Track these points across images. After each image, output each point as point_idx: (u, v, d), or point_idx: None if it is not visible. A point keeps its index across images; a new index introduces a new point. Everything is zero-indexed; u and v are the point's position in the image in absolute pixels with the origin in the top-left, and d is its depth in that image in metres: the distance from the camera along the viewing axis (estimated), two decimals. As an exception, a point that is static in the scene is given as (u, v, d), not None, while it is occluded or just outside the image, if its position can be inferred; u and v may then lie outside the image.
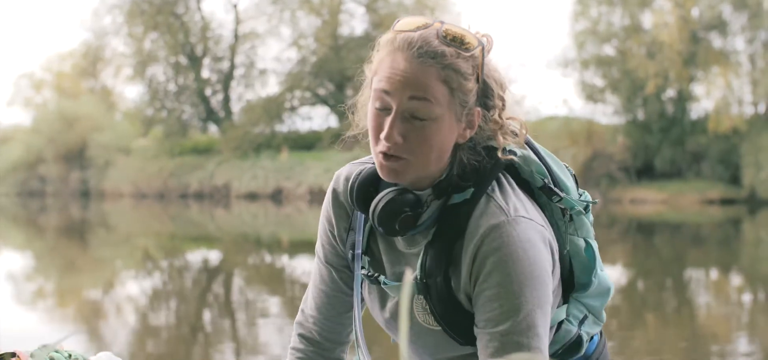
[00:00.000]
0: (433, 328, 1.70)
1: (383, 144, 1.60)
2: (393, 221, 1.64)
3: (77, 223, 25.35)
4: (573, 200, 1.72)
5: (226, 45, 43.27)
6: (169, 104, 43.18)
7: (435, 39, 1.58)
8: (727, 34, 33.38)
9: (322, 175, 36.40)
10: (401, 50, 1.58)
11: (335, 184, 1.82)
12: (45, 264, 14.53)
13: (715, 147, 31.24)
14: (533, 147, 1.75)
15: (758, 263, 14.18)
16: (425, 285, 1.66)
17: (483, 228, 1.60)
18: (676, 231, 20.79)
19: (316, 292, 1.90)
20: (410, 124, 1.58)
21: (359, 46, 40.32)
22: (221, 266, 14.27)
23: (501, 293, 1.58)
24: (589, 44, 34.83)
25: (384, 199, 1.65)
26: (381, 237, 1.76)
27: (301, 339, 1.93)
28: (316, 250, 1.89)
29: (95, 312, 9.12)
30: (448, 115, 1.58)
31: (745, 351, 7.02)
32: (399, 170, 1.61)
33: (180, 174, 39.73)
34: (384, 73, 1.59)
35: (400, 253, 1.73)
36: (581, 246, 1.75)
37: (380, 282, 1.74)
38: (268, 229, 22.75)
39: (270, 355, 6.80)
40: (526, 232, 1.60)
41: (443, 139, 1.60)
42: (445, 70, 1.56)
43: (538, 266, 1.60)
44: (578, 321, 1.80)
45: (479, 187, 1.64)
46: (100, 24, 43.76)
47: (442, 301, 1.65)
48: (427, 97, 1.56)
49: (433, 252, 1.65)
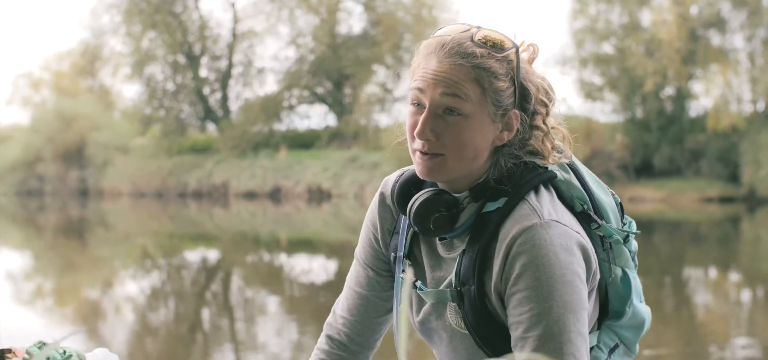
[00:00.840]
0: (464, 332, 1.70)
1: (418, 141, 1.63)
2: (427, 220, 1.66)
3: (76, 222, 25.34)
4: (612, 229, 1.71)
5: (224, 44, 43.29)
6: (167, 103, 43.16)
7: (468, 41, 1.62)
8: (725, 32, 33.40)
9: (321, 174, 36.41)
10: (435, 52, 1.63)
11: (383, 187, 1.85)
12: (43, 263, 14.51)
13: (714, 145, 31.25)
14: (577, 171, 1.75)
15: (757, 262, 14.18)
16: (459, 293, 1.67)
17: (514, 230, 1.60)
18: (675, 229, 20.79)
19: (351, 293, 1.90)
20: (443, 121, 1.61)
21: (357, 45, 40.32)
22: (220, 265, 14.26)
23: (531, 296, 1.57)
24: (588, 42, 34.83)
25: (421, 198, 1.67)
26: (423, 241, 1.77)
27: (329, 340, 1.93)
28: (356, 253, 1.91)
29: (93, 311, 9.10)
30: (480, 113, 1.61)
31: (743, 347, 7.02)
32: (434, 167, 1.63)
33: (178, 173, 39.72)
34: (418, 74, 1.65)
35: (440, 257, 1.74)
36: (618, 275, 1.75)
37: (416, 287, 1.75)
38: (266, 227, 22.74)
39: (269, 354, 6.79)
40: (558, 236, 1.60)
41: (477, 137, 1.62)
42: (475, 69, 1.60)
43: (569, 270, 1.58)
44: (609, 349, 1.79)
45: (513, 196, 1.64)
46: (98, 23, 43.77)
47: (474, 309, 1.66)
48: (458, 93, 1.60)
49: (466, 260, 1.66)
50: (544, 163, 1.68)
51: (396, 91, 40.86)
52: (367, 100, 39.74)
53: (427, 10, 40.26)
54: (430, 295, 1.72)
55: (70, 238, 19.90)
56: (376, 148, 35.66)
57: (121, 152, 40.37)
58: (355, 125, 38.60)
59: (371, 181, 34.86)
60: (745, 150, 30.18)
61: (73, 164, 41.12)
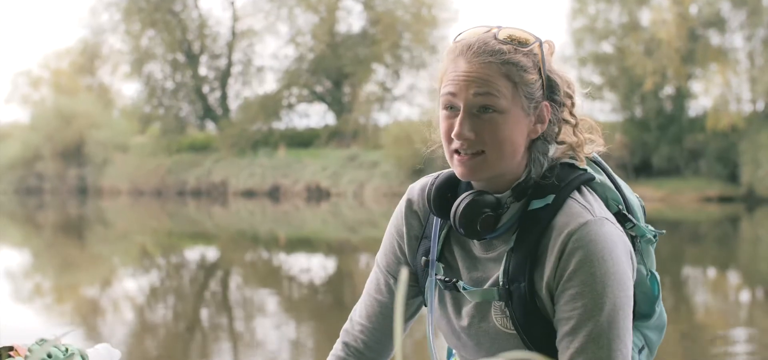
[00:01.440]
0: (510, 332, 1.70)
1: (456, 142, 1.64)
2: (474, 222, 1.66)
3: (75, 220, 25.33)
4: (644, 228, 1.75)
5: (223, 42, 43.29)
6: (166, 101, 43.16)
7: (492, 40, 1.65)
8: (725, 32, 33.40)
9: (320, 173, 36.41)
10: (462, 54, 1.65)
11: (409, 194, 1.86)
12: (43, 261, 14.51)
13: (714, 144, 31.24)
14: (609, 173, 1.79)
15: (756, 261, 14.18)
16: (508, 291, 1.67)
17: (570, 225, 1.62)
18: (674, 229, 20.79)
19: (370, 300, 1.89)
20: (479, 119, 1.63)
21: (356, 44, 40.31)
22: (218, 263, 14.25)
23: (585, 292, 1.59)
24: (587, 41, 34.84)
25: (465, 200, 1.67)
26: (456, 244, 1.78)
27: (345, 346, 1.92)
28: (377, 259, 1.90)
29: (92, 309, 9.10)
30: (514, 108, 1.64)
31: (743, 347, 7.02)
32: (475, 166, 1.64)
33: (177, 171, 39.72)
34: (448, 79, 1.66)
35: (477, 258, 1.74)
36: (645, 275, 1.77)
37: (458, 287, 1.74)
38: (265, 226, 22.74)
39: (267, 352, 6.79)
40: (610, 235, 1.63)
41: (514, 131, 1.64)
42: (504, 65, 1.62)
43: (621, 267, 1.61)
44: (638, 349, 1.81)
45: (561, 194, 1.67)
46: (97, 21, 43.75)
47: (523, 306, 1.66)
48: (491, 91, 1.62)
49: (516, 257, 1.67)
50: (578, 154, 1.72)
51: (395, 90, 40.90)
52: (366, 98, 39.74)
53: (427, 9, 40.25)
54: (476, 294, 1.72)
55: (69, 236, 19.89)
56: (375, 147, 35.67)
57: (120, 150, 40.36)
58: (354, 124, 38.60)
59: (370, 180, 34.87)
60: (745, 150, 30.17)
61: (72, 162, 41.11)
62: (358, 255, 15.30)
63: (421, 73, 40.38)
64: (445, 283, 1.76)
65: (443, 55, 1.71)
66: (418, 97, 40.30)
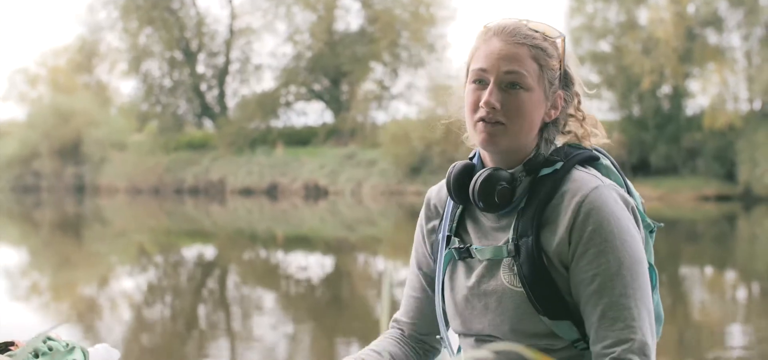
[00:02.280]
0: (517, 289, 1.79)
1: (482, 110, 1.78)
2: (492, 194, 1.80)
3: (72, 218, 25.32)
4: (645, 216, 1.87)
5: (221, 40, 43.27)
6: (164, 99, 43.13)
7: (524, 27, 1.81)
8: (722, 31, 33.42)
9: (317, 171, 36.40)
10: (496, 35, 1.80)
11: (428, 195, 2.03)
12: (40, 259, 14.50)
13: (711, 143, 31.27)
14: (614, 164, 1.90)
15: (753, 260, 14.20)
16: (516, 246, 1.79)
17: (582, 191, 1.76)
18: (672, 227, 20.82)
19: (408, 300, 2.05)
20: (506, 93, 1.77)
21: (355, 42, 40.30)
22: (216, 262, 14.25)
23: (606, 249, 1.73)
24: (585, 40, 34.83)
25: (482, 175, 1.82)
26: (470, 219, 1.91)
27: (395, 322, 2.07)
28: (412, 264, 2.05)
29: (89, 307, 9.10)
30: (538, 89, 1.79)
31: (739, 344, 7.03)
32: (496, 134, 1.78)
33: (175, 169, 39.70)
34: (480, 55, 1.81)
35: (488, 230, 1.87)
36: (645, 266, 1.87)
37: (471, 251, 1.87)
38: (263, 224, 22.74)
39: (264, 349, 6.80)
40: (618, 199, 1.78)
41: (534, 110, 1.79)
42: (534, 49, 1.79)
43: (632, 226, 1.76)
44: None
45: (567, 163, 1.81)
46: (95, 19, 43.73)
47: (530, 260, 1.77)
48: (521, 70, 1.77)
49: (525, 217, 1.80)
50: (583, 143, 1.87)
51: (393, 89, 40.89)
52: (364, 97, 39.73)
53: (425, 8, 40.24)
54: (487, 251, 1.84)
55: (67, 234, 19.88)
56: (373, 145, 35.66)
57: (117, 148, 40.33)
58: (352, 122, 38.60)
59: (368, 178, 34.86)
60: (742, 148, 30.20)
61: (69, 160, 41.08)
62: (356, 253, 15.30)
63: (419, 72, 40.42)
64: (458, 252, 1.88)
65: (476, 37, 1.85)
66: (416, 95, 40.34)
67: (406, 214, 23.67)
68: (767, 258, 14.46)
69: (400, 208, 26.74)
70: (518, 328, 1.79)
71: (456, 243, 1.89)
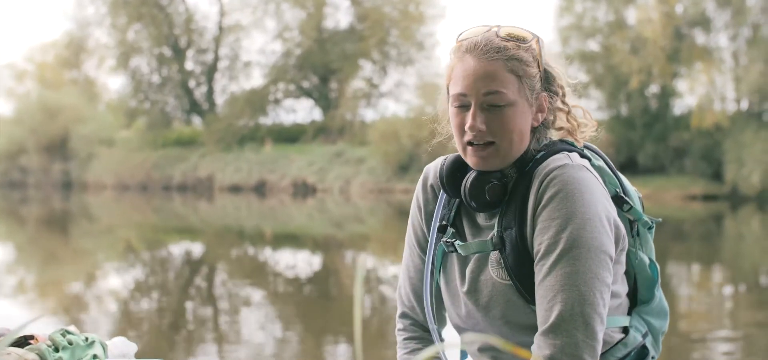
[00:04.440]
0: (505, 283, 1.79)
1: (468, 134, 1.77)
2: (482, 192, 1.80)
3: (59, 215, 25.21)
4: (640, 213, 1.86)
5: (210, 37, 43.15)
6: (152, 96, 42.99)
7: (495, 38, 1.78)
8: (710, 31, 33.53)
9: (306, 168, 36.35)
10: (469, 52, 1.78)
11: (424, 174, 2.00)
12: (26, 255, 14.43)
13: (698, 143, 31.38)
14: (606, 161, 1.89)
15: (739, 259, 14.26)
16: (501, 238, 1.79)
17: (549, 167, 1.76)
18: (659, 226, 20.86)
19: (409, 283, 2.01)
20: (489, 113, 1.76)
21: (344, 39, 40.25)
22: (204, 258, 14.22)
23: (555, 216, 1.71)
24: (574, 39, 34.89)
25: (472, 175, 1.82)
26: (465, 215, 1.90)
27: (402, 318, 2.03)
28: (408, 242, 2.01)
29: (76, 303, 9.07)
30: (520, 100, 1.77)
31: (725, 340, 7.07)
32: (487, 156, 1.78)
33: (163, 166, 39.58)
34: (458, 76, 1.78)
35: (481, 227, 1.87)
36: (645, 262, 1.89)
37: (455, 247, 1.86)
38: (251, 221, 22.70)
39: (252, 347, 6.79)
40: (587, 179, 1.75)
41: (520, 122, 1.78)
42: (509, 61, 1.76)
43: (593, 209, 1.71)
44: (641, 334, 1.90)
45: (550, 150, 1.81)
46: (83, 14, 43.60)
47: (515, 250, 1.77)
48: (500, 88, 1.75)
49: (509, 208, 1.80)
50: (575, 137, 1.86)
51: (382, 87, 40.87)
52: (353, 94, 39.70)
53: (414, 6, 40.23)
54: (472, 246, 1.83)
55: (53, 231, 19.80)
56: (361, 143, 35.63)
57: (105, 145, 40.18)
58: (340, 120, 38.56)
59: (356, 176, 34.84)
60: (729, 148, 30.32)
61: (56, 156, 40.90)
62: (344, 251, 15.29)
63: (408, 70, 40.41)
64: (447, 246, 1.88)
65: (450, 54, 1.83)
66: (405, 93, 40.33)
67: (395, 212, 23.67)
68: (753, 257, 14.53)
69: (388, 206, 26.74)
70: (511, 320, 1.80)
71: (449, 234, 1.88)
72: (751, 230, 20.27)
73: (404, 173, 32.52)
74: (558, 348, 1.66)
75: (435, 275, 1.93)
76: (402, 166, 32.76)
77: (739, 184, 29.80)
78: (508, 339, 1.80)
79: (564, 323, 1.66)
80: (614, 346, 1.85)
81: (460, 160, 1.86)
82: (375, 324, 7.57)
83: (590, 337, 1.66)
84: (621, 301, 1.86)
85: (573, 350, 1.65)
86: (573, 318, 1.66)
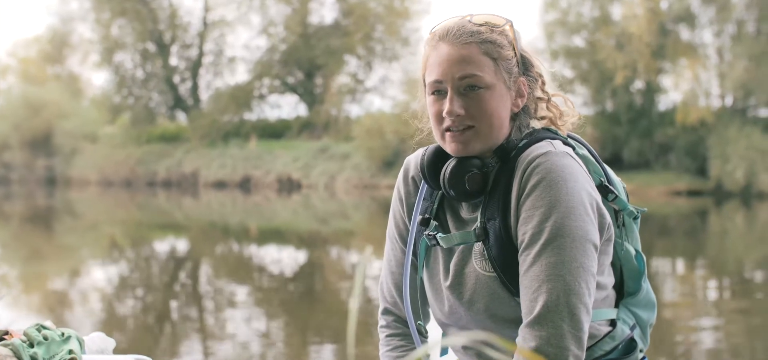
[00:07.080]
0: (489, 275, 1.75)
1: (447, 120, 1.74)
2: (461, 182, 1.76)
3: (43, 211, 25.07)
4: (626, 202, 1.82)
5: (194, 32, 42.98)
6: (136, 91, 42.80)
7: (468, 23, 1.77)
8: (695, 27, 33.67)
9: (291, 164, 36.29)
10: (442, 39, 1.77)
11: (406, 165, 1.97)
12: (9, 252, 14.34)
13: (683, 139, 31.51)
14: (591, 151, 1.86)
15: (723, 254, 14.33)
16: (484, 229, 1.76)
17: (532, 155, 1.72)
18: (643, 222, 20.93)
19: (392, 278, 1.98)
20: (467, 97, 1.74)
21: (329, 35, 40.17)
22: (188, 255, 14.16)
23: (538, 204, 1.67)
24: (559, 35, 34.97)
25: (451, 163, 1.78)
26: (448, 207, 1.87)
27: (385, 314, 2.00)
28: (389, 235, 1.98)
29: (60, 300, 9.01)
30: (498, 83, 1.75)
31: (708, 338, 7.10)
32: (466, 140, 1.75)
33: (147, 162, 39.42)
34: (433, 64, 1.77)
35: (464, 220, 1.83)
36: (631, 253, 1.86)
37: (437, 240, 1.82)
38: (236, 217, 22.64)
39: (237, 343, 6.75)
40: (570, 166, 1.71)
41: (499, 105, 1.75)
42: (483, 44, 1.75)
43: (577, 197, 1.68)
44: (629, 326, 1.87)
45: (532, 138, 1.78)
46: (66, 9, 43.34)
47: (499, 241, 1.73)
48: (476, 71, 1.73)
49: (492, 199, 1.77)
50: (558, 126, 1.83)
51: (367, 82, 40.83)
52: (338, 90, 39.64)
53: (400, 1, 40.21)
54: (455, 237, 1.80)
55: (37, 227, 19.68)
56: (346, 139, 35.59)
57: (89, 140, 39.98)
58: (325, 115, 38.50)
59: (341, 172, 34.80)
60: (713, 144, 30.46)
61: (40, 152, 40.66)
62: (329, 247, 15.27)
63: (393, 66, 40.39)
64: (430, 238, 1.84)
65: (424, 45, 1.80)
66: (391, 89, 40.30)
67: (380, 207, 23.65)
68: (737, 252, 14.60)
69: (373, 201, 26.72)
70: (496, 313, 1.77)
71: (432, 227, 1.85)
72: (735, 226, 20.37)
73: (389, 169, 32.50)
74: (544, 339, 1.63)
75: (418, 270, 1.89)
76: (387, 162, 32.74)
77: (724, 180, 29.95)
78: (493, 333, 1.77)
79: (549, 314, 1.63)
80: (602, 340, 1.81)
81: (442, 151, 1.82)
82: (359, 320, 7.55)
83: (576, 328, 1.64)
84: (607, 294, 1.84)
85: (559, 341, 1.63)
86: (558, 308, 1.63)
